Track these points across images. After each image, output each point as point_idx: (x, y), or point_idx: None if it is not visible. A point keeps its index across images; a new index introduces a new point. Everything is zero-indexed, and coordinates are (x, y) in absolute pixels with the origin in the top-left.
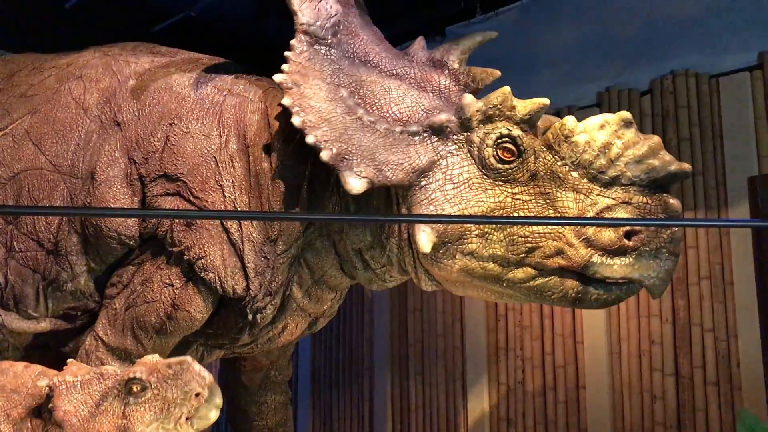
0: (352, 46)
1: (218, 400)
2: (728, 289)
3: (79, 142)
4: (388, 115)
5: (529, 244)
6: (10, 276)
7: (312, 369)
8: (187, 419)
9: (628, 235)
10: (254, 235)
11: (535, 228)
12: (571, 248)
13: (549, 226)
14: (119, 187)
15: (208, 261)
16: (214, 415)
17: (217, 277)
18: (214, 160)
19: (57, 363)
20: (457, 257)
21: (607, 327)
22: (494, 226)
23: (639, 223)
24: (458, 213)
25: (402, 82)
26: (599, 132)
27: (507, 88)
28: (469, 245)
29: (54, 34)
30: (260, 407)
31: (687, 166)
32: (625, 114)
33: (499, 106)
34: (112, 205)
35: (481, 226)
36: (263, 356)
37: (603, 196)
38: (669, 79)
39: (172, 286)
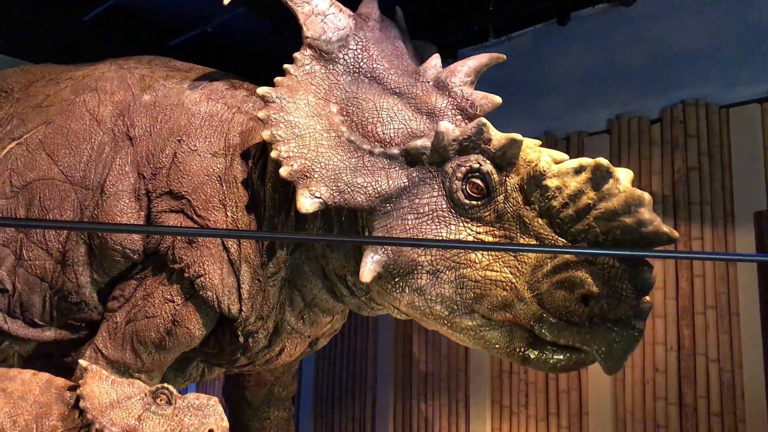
0: (359, 61)
1: None
2: (734, 320)
3: (92, 154)
4: (372, 135)
5: (478, 290)
6: (18, 284)
7: (315, 386)
8: None
9: (585, 299)
10: (251, 256)
11: (487, 273)
12: (520, 303)
13: (502, 275)
14: (126, 201)
15: (207, 279)
16: None
17: (215, 296)
18: (218, 179)
19: (60, 372)
20: (405, 291)
21: None
22: (446, 264)
23: (620, 254)
24: (413, 246)
25: (399, 102)
26: (572, 178)
27: (484, 120)
28: (418, 281)
29: (72, 45)
30: (263, 423)
31: (667, 231)
32: (603, 162)
33: (473, 138)
34: (119, 219)
35: (434, 263)
36: (267, 372)
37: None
38: (679, 108)
39: (173, 302)
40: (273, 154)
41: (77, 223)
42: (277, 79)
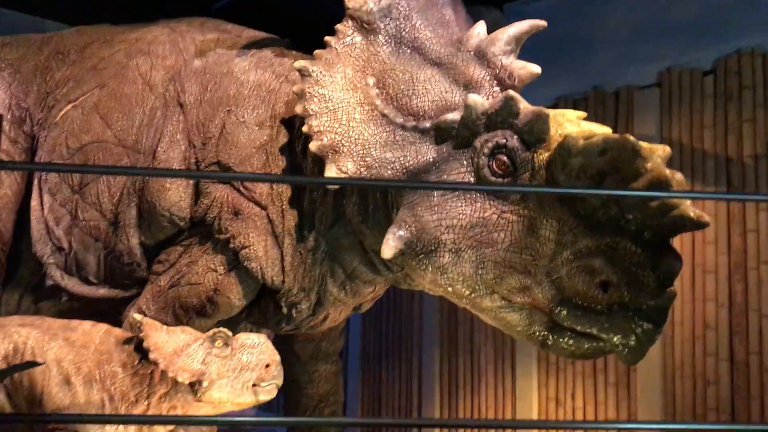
0: (400, 30)
1: (281, 380)
2: None
3: (144, 119)
4: (406, 107)
5: (497, 272)
6: (74, 243)
7: (362, 344)
8: (253, 385)
9: (604, 286)
10: (294, 229)
11: (508, 255)
12: (538, 287)
13: (523, 257)
14: (177, 168)
15: (252, 251)
16: (274, 390)
17: (259, 268)
18: (265, 152)
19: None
20: (429, 269)
21: None
22: (469, 243)
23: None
24: (435, 222)
25: (438, 73)
26: (598, 157)
27: (511, 93)
28: (441, 259)
29: (124, 6)
30: (311, 376)
31: (693, 215)
32: (630, 140)
33: (501, 112)
34: (168, 185)
35: (456, 242)
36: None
37: (587, 234)
38: (734, 59)
39: (216, 271)
40: (304, 128)
41: (129, 169)
42: (317, 52)
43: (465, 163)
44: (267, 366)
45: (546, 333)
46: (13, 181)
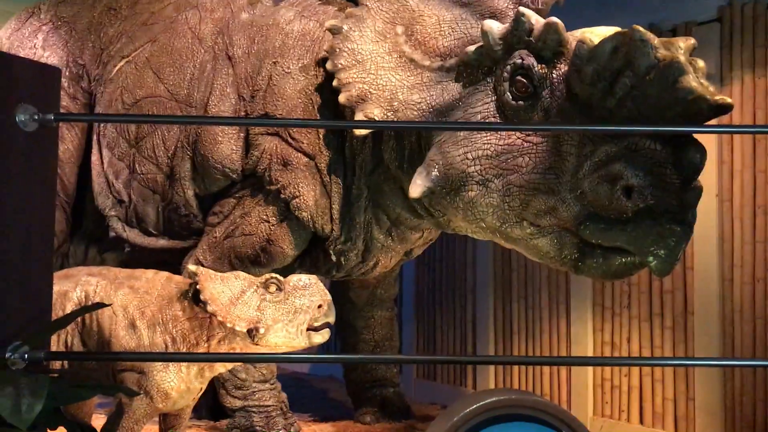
0: None
1: (333, 318)
2: None
3: (194, 72)
4: (433, 49)
5: (522, 196)
6: (133, 195)
7: (416, 290)
8: (307, 329)
9: (627, 192)
10: (340, 179)
11: (531, 177)
12: (563, 205)
13: (545, 177)
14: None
15: (302, 201)
16: (327, 332)
17: (309, 217)
18: (310, 101)
19: None
20: (460, 206)
21: (719, 252)
22: (495, 173)
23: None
24: (461, 156)
25: (465, 11)
26: (610, 60)
27: (522, 9)
28: (469, 193)
29: None
30: (367, 322)
31: (710, 98)
32: (637, 32)
33: (516, 32)
34: (220, 139)
35: (483, 173)
36: (370, 277)
37: (606, 140)
38: None
39: (269, 222)
40: (334, 83)
41: (185, 118)
42: (349, 10)
43: (490, 93)
44: (319, 306)
45: (577, 255)
46: (74, 136)
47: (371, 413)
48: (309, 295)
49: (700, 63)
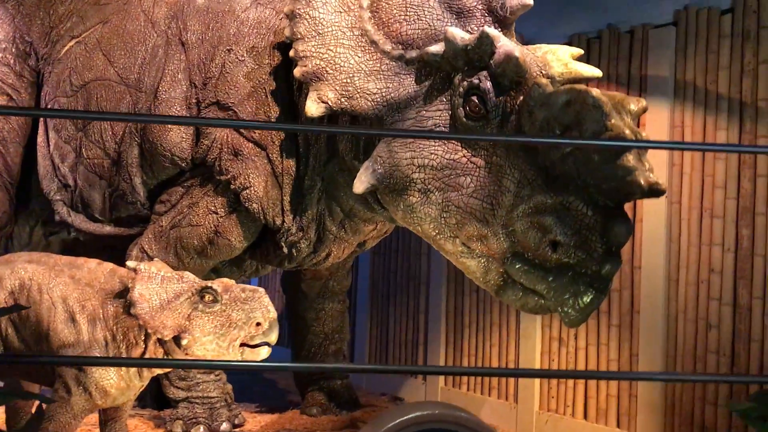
0: None
1: (273, 337)
2: None
3: (146, 56)
4: (396, 34)
5: (459, 217)
6: (79, 180)
7: (371, 281)
8: (241, 345)
9: (554, 245)
10: (292, 169)
11: (470, 201)
12: (494, 238)
13: (483, 205)
14: (178, 108)
15: (253, 191)
16: (265, 351)
17: (260, 208)
18: (264, 90)
19: (121, 263)
20: (400, 207)
21: (666, 253)
22: (437, 185)
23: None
24: (408, 160)
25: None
26: (564, 111)
27: (486, 29)
28: (410, 198)
29: None
30: (318, 314)
31: (642, 183)
32: (594, 95)
33: (477, 50)
34: (169, 126)
35: (426, 182)
36: (322, 268)
37: (544, 189)
38: None
39: (217, 213)
40: (291, 52)
41: (128, 115)
42: None
43: (444, 100)
44: (258, 324)
45: (500, 283)
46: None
47: (317, 405)
48: (248, 310)
49: (642, 134)
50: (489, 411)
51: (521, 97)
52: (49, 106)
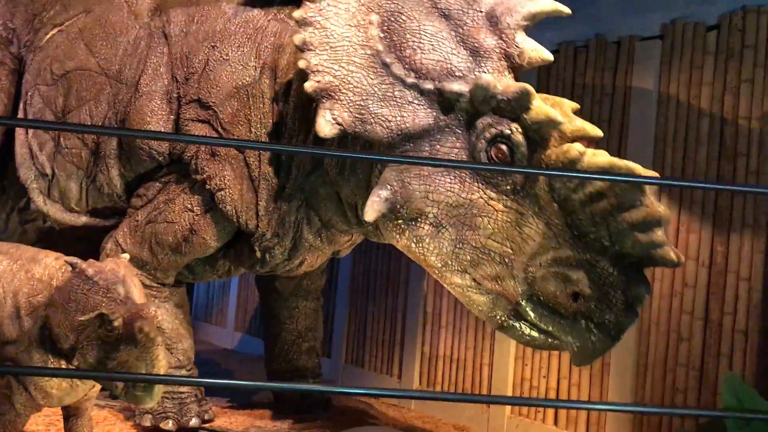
0: None
1: (148, 400)
2: None
3: (128, 48)
4: (409, 60)
5: (475, 256)
6: (57, 169)
7: (351, 277)
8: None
9: (575, 296)
10: (270, 175)
11: (489, 242)
12: (511, 280)
13: (503, 248)
14: (158, 102)
15: (228, 193)
16: (149, 399)
17: (234, 210)
18: (246, 93)
19: (96, 254)
20: (405, 235)
21: None
22: (451, 222)
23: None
24: (422, 193)
25: (446, 27)
26: (599, 182)
27: (528, 87)
28: (420, 230)
29: None
30: (292, 312)
31: (674, 257)
32: (639, 169)
33: (512, 102)
34: (149, 119)
35: (439, 217)
36: (295, 275)
37: (571, 245)
38: (739, 15)
39: (193, 211)
40: (301, 63)
41: (107, 129)
42: None
43: (462, 138)
44: (143, 387)
45: (507, 320)
46: (0, 103)
47: (289, 403)
48: (137, 357)
49: (665, 215)
50: (461, 414)
51: (546, 152)
52: (29, 94)
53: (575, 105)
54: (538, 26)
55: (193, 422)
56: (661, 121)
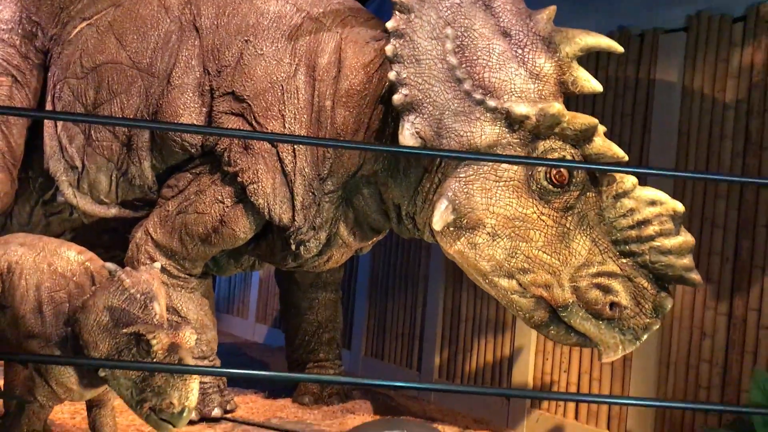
0: None
1: (180, 424)
2: None
3: (159, 41)
4: (478, 77)
5: (527, 265)
6: (87, 162)
7: (371, 272)
8: (150, 408)
9: (611, 305)
10: (306, 170)
11: (540, 254)
12: (558, 288)
13: (553, 259)
14: (191, 95)
15: (260, 187)
16: (165, 428)
17: (266, 204)
18: (281, 88)
19: (124, 246)
20: (460, 241)
21: None
22: (506, 233)
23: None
24: (484, 205)
25: (508, 48)
26: (647, 207)
27: (597, 124)
28: (477, 238)
29: None
30: (311, 303)
31: (698, 280)
32: (680, 207)
33: (578, 132)
34: (181, 112)
35: (496, 227)
36: (320, 270)
37: (614, 261)
38: (766, 6)
39: (223, 203)
40: (391, 75)
41: (140, 121)
42: None
43: (520, 154)
44: (170, 403)
45: (545, 321)
46: (25, 97)
47: (309, 394)
48: (170, 383)
49: (690, 239)
50: (481, 406)
51: (606, 182)
52: (57, 88)
53: (604, 128)
54: (560, 19)
55: (216, 412)
56: (685, 115)
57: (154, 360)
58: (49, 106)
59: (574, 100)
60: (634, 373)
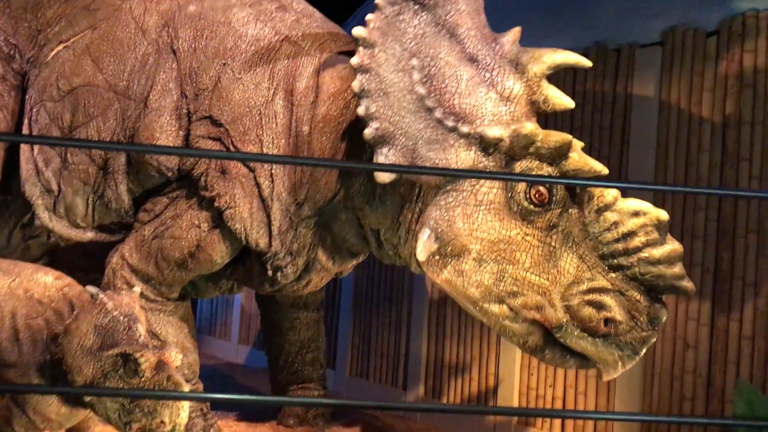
0: (445, 12)
1: None
2: None
3: (135, 64)
4: (448, 104)
5: (515, 288)
6: (63, 185)
7: (354, 289)
8: (140, 429)
9: (606, 321)
10: (284, 195)
11: (528, 275)
12: (551, 308)
13: (541, 280)
14: (168, 118)
15: (237, 212)
16: None
17: (243, 229)
18: (258, 113)
19: (101, 269)
20: (446, 269)
21: None
22: (492, 257)
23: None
24: (467, 231)
25: (476, 73)
26: (631, 219)
27: (571, 139)
28: (463, 264)
29: None
30: (293, 323)
31: (690, 288)
32: (664, 215)
33: (552, 150)
34: (158, 135)
35: (481, 253)
36: (300, 294)
37: (604, 276)
38: (739, 20)
39: (200, 228)
40: (360, 110)
41: (116, 144)
42: (369, 17)
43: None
44: (161, 422)
45: (540, 345)
46: (2, 119)
47: (294, 416)
48: (162, 404)
49: (678, 247)
50: (469, 421)
51: (587, 197)
52: (34, 110)
53: (581, 143)
54: (537, 34)
55: None
56: (663, 128)
57: (143, 379)
58: (25, 129)
59: (552, 117)
60: (619, 386)
